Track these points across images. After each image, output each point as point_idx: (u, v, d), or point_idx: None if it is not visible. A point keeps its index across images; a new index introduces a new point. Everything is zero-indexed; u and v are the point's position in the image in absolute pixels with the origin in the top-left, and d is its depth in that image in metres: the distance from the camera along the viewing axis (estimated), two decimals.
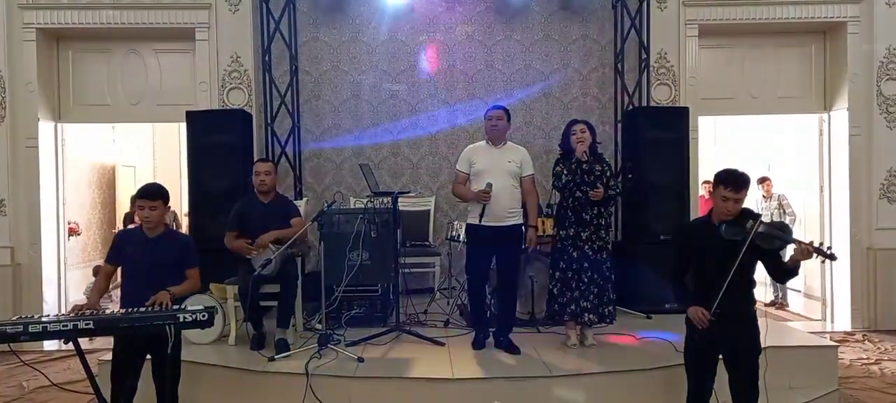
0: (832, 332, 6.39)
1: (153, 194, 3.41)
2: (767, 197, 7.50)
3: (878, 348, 5.75)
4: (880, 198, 6.42)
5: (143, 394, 3.36)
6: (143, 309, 3.11)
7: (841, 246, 6.58)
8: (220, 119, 5.71)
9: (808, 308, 7.37)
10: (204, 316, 3.12)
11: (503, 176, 4.14)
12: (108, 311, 3.14)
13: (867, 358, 5.42)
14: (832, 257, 2.91)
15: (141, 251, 3.41)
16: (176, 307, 3.20)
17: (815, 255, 2.92)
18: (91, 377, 3.13)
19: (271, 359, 3.97)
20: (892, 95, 6.38)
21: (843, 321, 6.56)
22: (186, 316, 3.09)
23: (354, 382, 3.71)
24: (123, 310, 3.11)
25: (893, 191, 6.41)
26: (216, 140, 5.54)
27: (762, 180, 7.60)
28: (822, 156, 6.86)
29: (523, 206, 4.28)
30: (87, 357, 3.10)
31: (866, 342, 5.97)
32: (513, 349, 4.15)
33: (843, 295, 6.57)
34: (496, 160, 4.19)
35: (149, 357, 3.38)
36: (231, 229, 4.46)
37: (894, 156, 6.41)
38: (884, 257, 6.38)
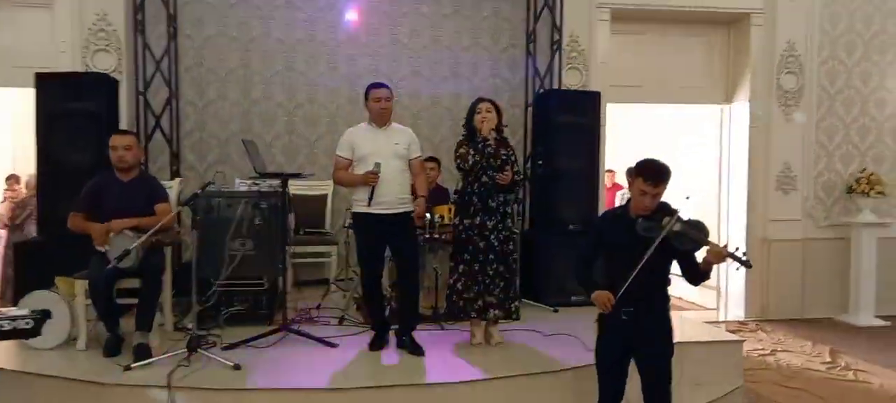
0: (726, 322, 6.51)
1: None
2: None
3: (772, 338, 5.87)
4: (775, 190, 6.55)
5: None
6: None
7: (737, 236, 6.68)
8: (79, 84, 4.93)
9: (702, 296, 7.49)
10: (28, 323, 2.50)
11: (391, 159, 3.77)
12: None
13: (763, 349, 5.49)
14: (747, 264, 2.77)
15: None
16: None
17: (728, 260, 2.75)
18: None
19: (127, 368, 3.36)
20: (791, 89, 6.50)
21: (736, 310, 6.69)
22: (3, 323, 2.46)
23: (226, 395, 3.19)
24: None
25: (787, 183, 6.56)
26: (74, 108, 4.76)
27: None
28: (721, 147, 6.95)
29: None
30: None
31: (759, 332, 6.09)
32: (416, 349, 3.77)
33: (738, 284, 6.68)
34: (382, 143, 3.80)
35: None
36: (79, 210, 3.76)
37: (790, 148, 6.55)
38: (777, 248, 6.53)
